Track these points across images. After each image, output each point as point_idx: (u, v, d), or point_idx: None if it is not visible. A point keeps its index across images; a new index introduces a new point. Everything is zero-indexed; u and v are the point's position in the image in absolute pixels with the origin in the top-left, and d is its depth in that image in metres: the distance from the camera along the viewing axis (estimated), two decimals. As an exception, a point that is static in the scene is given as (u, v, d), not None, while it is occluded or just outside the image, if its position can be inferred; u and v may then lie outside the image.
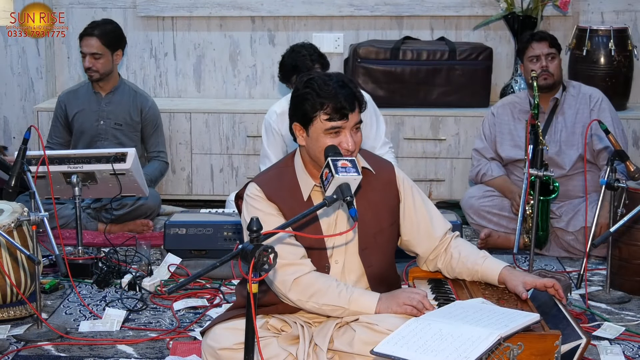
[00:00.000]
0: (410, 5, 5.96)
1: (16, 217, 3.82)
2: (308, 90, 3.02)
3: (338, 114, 3.00)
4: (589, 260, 4.35)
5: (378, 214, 3.15)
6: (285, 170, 3.18)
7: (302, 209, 3.02)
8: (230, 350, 3.03)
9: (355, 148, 3.05)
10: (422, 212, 3.24)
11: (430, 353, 2.56)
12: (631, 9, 5.92)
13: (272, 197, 3.11)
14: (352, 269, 3.16)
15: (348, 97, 3.01)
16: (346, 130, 3.02)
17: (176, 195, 5.82)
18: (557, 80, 4.84)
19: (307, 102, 3.02)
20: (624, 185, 4.10)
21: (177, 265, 4.43)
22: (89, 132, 5.32)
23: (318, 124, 3.02)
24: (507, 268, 3.19)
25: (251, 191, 3.14)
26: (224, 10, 6.01)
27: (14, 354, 3.59)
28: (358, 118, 3.05)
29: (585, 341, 2.88)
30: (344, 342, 2.98)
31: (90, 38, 5.20)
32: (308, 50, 4.67)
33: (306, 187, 3.13)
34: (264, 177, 3.20)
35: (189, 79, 6.17)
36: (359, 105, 3.05)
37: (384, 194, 3.16)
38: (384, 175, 3.19)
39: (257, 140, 5.68)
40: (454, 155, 5.67)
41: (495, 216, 4.91)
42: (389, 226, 3.19)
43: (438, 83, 5.74)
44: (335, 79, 3.04)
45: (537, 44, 4.81)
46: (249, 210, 3.12)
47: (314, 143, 3.05)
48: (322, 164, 3.04)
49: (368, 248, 3.15)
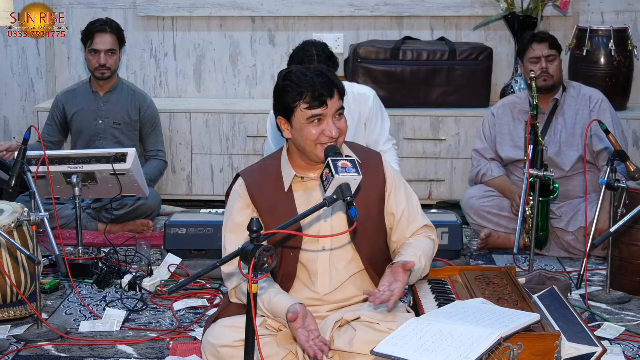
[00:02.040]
0: (410, 5, 5.96)
1: (16, 217, 3.82)
2: (287, 83, 3.09)
3: (317, 101, 3.05)
4: (589, 260, 4.35)
5: (367, 201, 3.17)
6: (271, 163, 3.25)
7: (281, 199, 3.13)
8: (230, 347, 3.03)
9: (339, 134, 3.09)
10: (403, 205, 3.24)
11: (430, 353, 2.56)
12: (631, 9, 5.92)
13: (250, 187, 3.18)
14: (339, 256, 3.18)
15: (325, 84, 3.06)
16: (328, 118, 3.07)
17: (176, 195, 5.82)
18: (557, 81, 4.84)
19: (286, 94, 3.08)
20: (624, 185, 4.10)
21: (177, 265, 4.43)
22: (87, 131, 5.32)
23: (299, 114, 3.07)
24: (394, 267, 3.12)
25: (237, 183, 3.25)
26: (224, 10, 6.01)
27: (14, 354, 3.59)
28: (339, 104, 3.10)
29: (601, 351, 2.89)
30: (344, 341, 2.98)
31: (105, 34, 5.19)
32: (317, 50, 4.58)
33: (287, 178, 3.18)
34: (249, 169, 3.30)
35: (189, 79, 6.17)
36: (338, 91, 3.10)
37: (371, 182, 3.17)
38: (371, 164, 3.21)
39: (257, 140, 5.68)
40: (454, 155, 5.67)
41: (495, 216, 4.91)
42: (377, 213, 3.21)
43: (438, 83, 5.74)
44: (312, 69, 3.12)
45: (538, 45, 4.81)
46: (228, 203, 3.24)
47: (299, 134, 3.10)
48: (308, 154, 3.11)
49: (358, 235, 3.17)
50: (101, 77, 5.25)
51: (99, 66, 5.21)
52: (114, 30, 5.22)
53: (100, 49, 5.18)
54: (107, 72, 5.23)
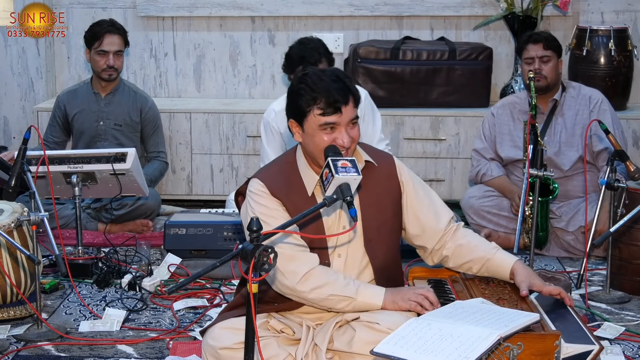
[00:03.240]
0: (410, 5, 5.96)
1: (16, 217, 3.82)
2: (302, 86, 3.02)
3: (331, 107, 2.98)
4: (589, 260, 4.35)
5: (381, 205, 3.15)
6: (288, 166, 3.16)
7: (306, 204, 3.02)
8: (230, 349, 3.02)
9: (350, 144, 3.03)
10: (425, 204, 3.22)
11: (430, 353, 2.56)
12: (631, 9, 5.92)
13: (275, 193, 3.09)
14: (354, 263, 3.15)
15: (341, 90, 2.99)
16: (341, 127, 3.01)
17: (176, 195, 5.83)
18: (552, 82, 4.83)
19: (301, 97, 3.01)
20: (624, 185, 4.10)
21: (177, 265, 4.43)
22: (88, 132, 5.32)
23: (312, 119, 3.01)
24: (519, 262, 3.18)
25: (255, 187, 3.11)
26: (224, 10, 6.01)
27: (14, 354, 3.59)
28: (353, 113, 3.03)
29: (598, 348, 2.88)
30: (343, 342, 2.98)
31: (114, 35, 5.19)
32: (316, 44, 4.67)
33: (310, 183, 3.11)
34: (266, 173, 3.18)
35: (189, 79, 6.17)
36: (354, 99, 3.03)
37: (385, 185, 3.15)
38: (384, 167, 3.18)
39: (257, 140, 5.68)
40: (454, 155, 5.68)
41: (495, 216, 4.91)
42: (392, 217, 3.18)
43: (438, 83, 5.74)
44: (329, 73, 3.04)
45: (533, 46, 4.82)
46: (253, 206, 3.09)
47: (310, 139, 3.04)
48: (317, 160, 3.05)
49: (372, 240, 3.14)
50: (108, 78, 5.25)
51: (107, 67, 5.20)
52: (121, 32, 5.23)
53: (110, 50, 5.18)
54: (114, 73, 5.24)
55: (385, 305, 3.02)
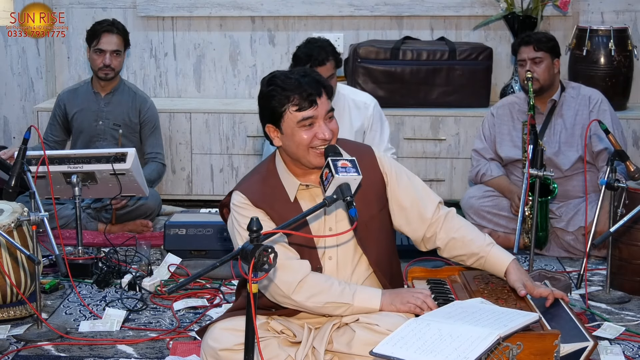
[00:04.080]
0: (410, 5, 5.96)
1: (16, 217, 3.82)
2: (272, 87, 3.01)
3: (306, 101, 2.98)
4: (589, 260, 4.36)
5: (366, 201, 3.11)
6: (268, 175, 3.14)
7: (289, 210, 3.01)
8: (230, 351, 3.01)
9: (332, 136, 3.02)
10: (410, 194, 3.19)
11: (429, 353, 2.56)
12: (631, 9, 5.92)
13: (258, 203, 3.08)
14: (346, 263, 3.14)
15: (312, 83, 3.00)
16: (319, 120, 3.00)
17: (176, 195, 5.83)
18: (545, 84, 4.81)
19: (273, 98, 3.01)
20: (624, 185, 4.10)
21: (177, 265, 4.43)
22: (87, 131, 5.32)
23: (289, 118, 3.00)
24: (514, 262, 3.17)
25: (237, 200, 3.11)
26: (224, 10, 6.02)
27: (14, 354, 3.59)
28: (328, 105, 3.03)
29: (592, 344, 2.88)
30: (342, 343, 2.97)
31: (112, 35, 5.18)
32: (323, 43, 4.66)
33: (291, 188, 3.10)
34: (247, 184, 3.16)
35: (189, 79, 6.17)
36: (326, 90, 3.03)
37: (368, 179, 3.07)
38: (365, 161, 3.12)
39: (257, 140, 5.68)
40: (454, 155, 5.68)
41: (495, 216, 4.91)
42: (378, 212, 3.16)
43: (438, 83, 5.74)
44: (296, 71, 3.05)
45: (524, 48, 4.82)
46: (237, 219, 3.09)
47: (290, 140, 3.03)
48: (300, 160, 3.04)
49: (362, 238, 3.12)
50: (104, 77, 5.25)
51: (104, 66, 5.20)
52: (121, 32, 5.22)
53: (106, 49, 5.18)
54: (110, 73, 5.23)
55: (383, 308, 3.02)
